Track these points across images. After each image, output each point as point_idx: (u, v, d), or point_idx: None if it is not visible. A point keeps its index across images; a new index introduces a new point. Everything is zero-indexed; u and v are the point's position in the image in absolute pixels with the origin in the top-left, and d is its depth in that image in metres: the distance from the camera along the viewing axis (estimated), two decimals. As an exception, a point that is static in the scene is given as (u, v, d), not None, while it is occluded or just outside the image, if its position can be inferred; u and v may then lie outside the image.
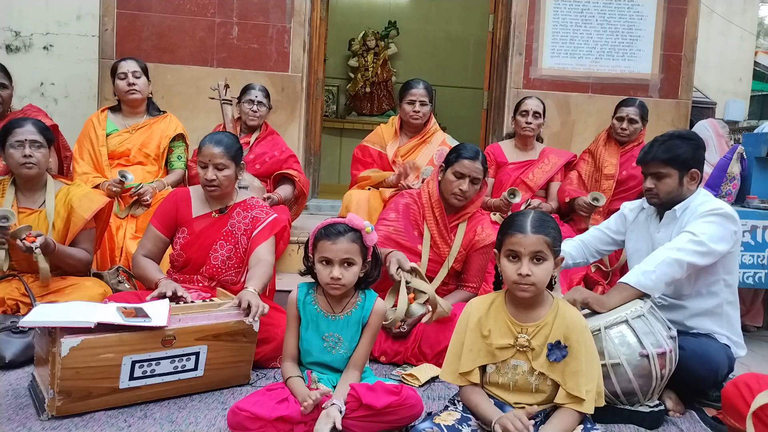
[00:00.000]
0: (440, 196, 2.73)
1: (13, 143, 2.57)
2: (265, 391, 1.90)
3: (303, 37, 4.47)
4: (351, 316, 2.00)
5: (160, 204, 2.66)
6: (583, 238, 2.62)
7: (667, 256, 2.17)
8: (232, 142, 2.57)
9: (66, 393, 1.91)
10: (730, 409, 1.82)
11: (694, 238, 2.19)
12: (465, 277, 2.80)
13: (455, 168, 2.67)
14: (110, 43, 4.37)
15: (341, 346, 1.99)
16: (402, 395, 1.82)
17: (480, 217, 2.83)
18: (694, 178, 2.35)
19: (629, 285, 2.17)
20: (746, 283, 3.07)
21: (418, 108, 3.56)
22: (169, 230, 2.57)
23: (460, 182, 2.65)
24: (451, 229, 2.76)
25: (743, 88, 8.33)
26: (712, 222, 2.22)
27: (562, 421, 1.72)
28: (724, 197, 3.45)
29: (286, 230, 2.82)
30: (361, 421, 1.80)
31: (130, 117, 3.56)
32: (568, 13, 4.63)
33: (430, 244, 2.74)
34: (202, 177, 2.49)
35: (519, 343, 1.78)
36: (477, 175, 2.66)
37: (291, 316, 2.02)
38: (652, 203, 2.40)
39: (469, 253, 2.77)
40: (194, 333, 2.12)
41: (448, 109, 7.99)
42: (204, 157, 2.48)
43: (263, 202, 2.73)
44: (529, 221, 1.75)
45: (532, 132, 3.66)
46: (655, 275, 2.15)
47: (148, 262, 2.51)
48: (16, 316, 2.44)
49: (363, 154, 3.77)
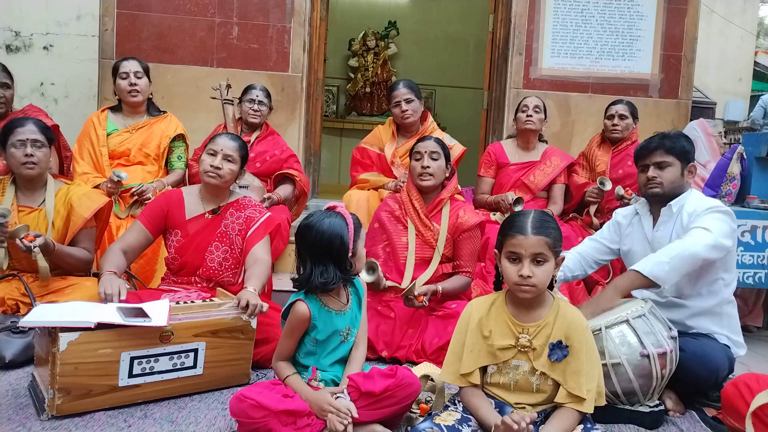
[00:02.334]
0: (415, 187, 2.86)
1: (14, 142, 2.57)
2: (270, 385, 1.90)
3: (303, 37, 4.47)
4: (353, 304, 2.04)
5: (151, 202, 2.67)
6: (580, 250, 2.61)
7: (684, 249, 2.16)
8: (245, 145, 2.67)
9: (65, 390, 1.91)
10: (730, 409, 1.82)
11: (709, 233, 2.18)
12: (459, 263, 2.84)
13: (413, 154, 2.86)
14: (110, 43, 4.37)
15: (351, 334, 2.02)
16: (398, 376, 1.83)
17: (461, 204, 2.92)
18: (691, 171, 2.40)
19: (641, 273, 2.15)
20: (746, 283, 3.07)
21: (405, 107, 3.56)
22: (156, 229, 2.57)
23: (421, 161, 2.80)
24: (434, 217, 2.84)
25: (743, 88, 8.32)
26: (717, 218, 2.24)
27: (562, 421, 1.72)
28: (724, 197, 3.45)
29: (283, 229, 2.82)
30: (365, 410, 1.80)
31: (131, 117, 3.56)
32: (568, 13, 4.63)
33: (415, 233, 2.83)
34: (207, 164, 2.51)
35: (520, 343, 1.78)
36: (433, 149, 2.80)
37: (295, 328, 1.94)
38: (654, 193, 2.39)
39: (456, 239, 2.82)
40: (192, 329, 2.13)
41: (448, 109, 8.00)
42: (216, 146, 2.54)
43: (256, 201, 2.74)
44: (529, 222, 1.75)
45: (533, 125, 3.60)
46: (669, 266, 2.14)
47: (114, 254, 2.45)
48: (16, 316, 2.44)
49: (362, 155, 3.77)
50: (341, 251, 1.91)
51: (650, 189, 2.40)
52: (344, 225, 1.92)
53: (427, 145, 2.82)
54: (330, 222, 1.90)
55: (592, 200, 3.51)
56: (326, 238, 1.88)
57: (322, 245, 1.89)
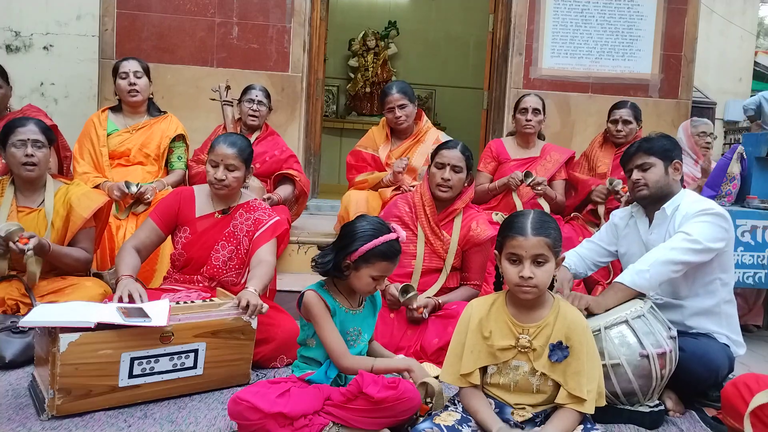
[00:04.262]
0: (430, 193, 2.79)
1: (15, 142, 2.57)
2: (267, 384, 1.89)
3: (303, 37, 4.47)
4: (366, 308, 2.04)
5: (163, 199, 2.66)
6: (579, 251, 2.62)
7: (661, 256, 2.20)
8: (246, 145, 2.61)
9: (66, 391, 1.91)
10: (729, 409, 1.82)
11: (688, 237, 2.22)
12: (467, 275, 2.81)
13: (436, 159, 2.77)
14: (110, 43, 4.37)
15: (360, 338, 2.01)
16: (399, 389, 1.82)
17: (474, 214, 2.86)
18: (677, 168, 2.41)
19: (624, 285, 2.19)
20: (746, 283, 3.07)
21: (399, 113, 3.55)
22: (168, 227, 2.57)
23: (442, 171, 2.72)
24: (445, 226, 2.79)
25: (743, 88, 8.31)
26: (705, 221, 2.25)
27: (562, 422, 1.72)
28: (724, 197, 3.45)
29: (286, 232, 2.82)
30: (361, 416, 1.80)
31: (131, 117, 3.56)
32: (568, 13, 4.64)
33: (424, 242, 2.78)
34: (212, 176, 2.51)
35: (520, 343, 1.78)
36: (457, 162, 2.72)
37: (323, 313, 1.93)
38: (641, 195, 2.41)
39: (466, 250, 2.79)
40: (192, 329, 2.13)
41: (448, 109, 8.00)
42: (216, 157, 2.51)
43: (266, 204, 2.74)
44: (529, 223, 1.75)
45: (532, 129, 3.65)
46: (650, 274, 2.17)
47: (129, 254, 2.46)
48: (16, 316, 2.44)
49: (356, 159, 3.76)
50: (345, 244, 1.91)
51: (637, 192, 2.42)
52: (371, 233, 1.90)
53: (452, 156, 2.72)
54: (371, 224, 1.93)
55: (599, 200, 3.52)
56: (351, 226, 1.94)
57: (344, 231, 1.96)
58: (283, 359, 2.48)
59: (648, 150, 2.39)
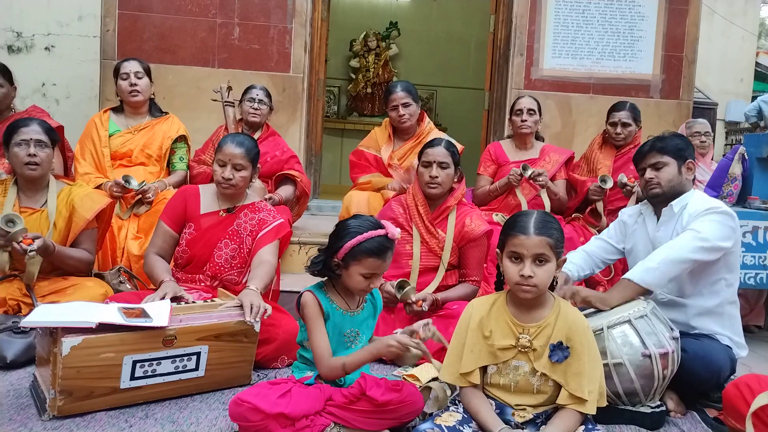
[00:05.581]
0: (422, 193, 2.82)
1: (18, 142, 2.58)
2: (268, 385, 1.88)
3: (304, 37, 4.48)
4: (365, 310, 2.03)
5: (170, 200, 2.68)
6: (587, 249, 2.64)
7: (670, 253, 2.20)
8: (253, 145, 2.63)
9: (67, 392, 1.91)
10: (731, 410, 1.82)
11: (697, 234, 2.22)
12: (465, 271, 2.83)
13: (422, 159, 2.81)
14: (112, 43, 4.38)
15: (358, 340, 2.00)
16: (403, 392, 1.83)
17: (468, 210, 2.88)
18: (690, 168, 2.41)
19: (632, 281, 2.19)
20: (747, 284, 3.06)
21: (402, 111, 3.55)
22: (179, 225, 2.59)
23: (429, 169, 2.75)
24: (440, 224, 2.81)
25: (744, 89, 8.32)
26: (713, 220, 2.25)
27: (563, 422, 1.72)
28: (725, 198, 3.45)
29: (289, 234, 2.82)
30: (364, 417, 1.80)
31: (133, 118, 3.56)
32: (569, 13, 4.64)
33: (420, 241, 2.80)
34: (219, 175, 2.52)
35: (521, 343, 1.78)
36: (442, 159, 2.75)
37: (315, 316, 1.92)
38: (654, 193, 2.41)
39: (462, 246, 2.80)
40: (195, 333, 2.12)
41: (449, 109, 8.00)
42: (224, 156, 2.53)
43: (271, 206, 2.75)
44: (532, 222, 1.75)
45: (529, 129, 3.65)
46: (658, 272, 2.18)
47: (157, 260, 2.51)
48: (17, 317, 2.45)
49: (359, 158, 3.76)
50: (334, 242, 1.91)
51: (650, 190, 2.42)
52: (357, 230, 1.87)
53: (436, 153, 2.76)
54: (360, 221, 1.92)
55: (596, 198, 3.53)
56: (340, 225, 1.95)
57: (334, 230, 1.96)
58: (284, 359, 2.48)
59: (662, 149, 2.40)
